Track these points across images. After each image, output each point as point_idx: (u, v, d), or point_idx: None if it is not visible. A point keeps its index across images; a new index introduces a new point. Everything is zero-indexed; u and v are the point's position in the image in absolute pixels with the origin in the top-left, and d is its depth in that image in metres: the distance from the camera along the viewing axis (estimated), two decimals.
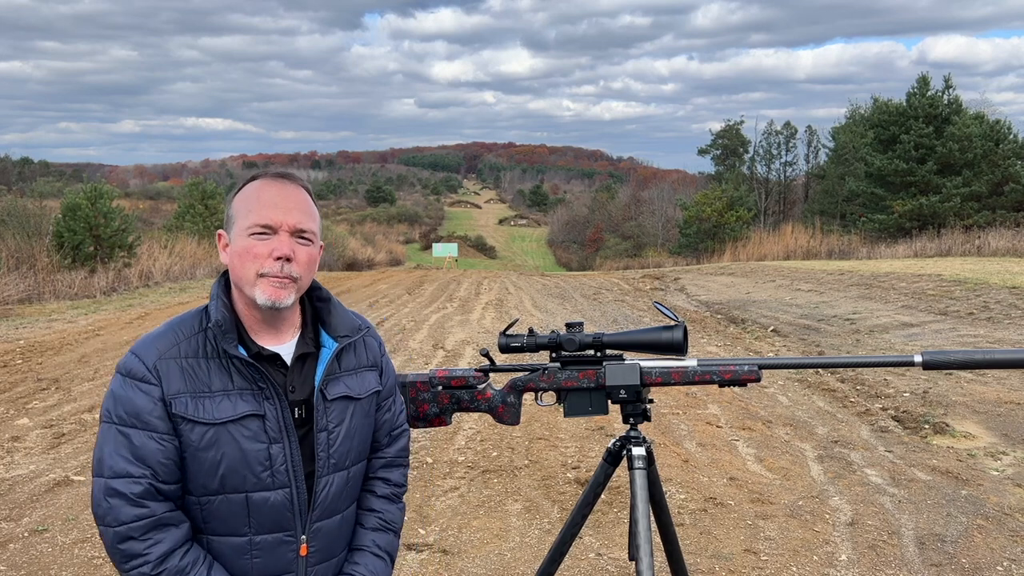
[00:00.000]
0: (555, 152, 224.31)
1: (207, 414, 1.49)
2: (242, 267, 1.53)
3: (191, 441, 1.49)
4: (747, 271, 21.38)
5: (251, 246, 1.51)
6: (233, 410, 1.51)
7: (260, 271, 1.51)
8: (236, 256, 1.54)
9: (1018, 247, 21.41)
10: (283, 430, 1.54)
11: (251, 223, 1.52)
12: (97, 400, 6.98)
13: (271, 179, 1.58)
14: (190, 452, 1.50)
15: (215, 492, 1.52)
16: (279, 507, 1.54)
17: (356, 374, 1.68)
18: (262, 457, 1.52)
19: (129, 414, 1.49)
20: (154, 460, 1.47)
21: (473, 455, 5.40)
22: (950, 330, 9.98)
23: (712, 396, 7.02)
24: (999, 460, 5.24)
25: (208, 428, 1.49)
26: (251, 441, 1.51)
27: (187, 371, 1.51)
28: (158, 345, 1.53)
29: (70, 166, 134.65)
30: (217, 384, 1.51)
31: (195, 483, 1.52)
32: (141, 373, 1.50)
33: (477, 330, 11.17)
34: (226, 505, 1.52)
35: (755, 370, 1.94)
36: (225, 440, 1.50)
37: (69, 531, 4.15)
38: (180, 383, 1.50)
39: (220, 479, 1.51)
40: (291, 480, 1.55)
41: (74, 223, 18.67)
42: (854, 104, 47.82)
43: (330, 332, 1.65)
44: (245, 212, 1.54)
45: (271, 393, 1.53)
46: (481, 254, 64.75)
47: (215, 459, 1.50)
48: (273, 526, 1.55)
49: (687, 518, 4.28)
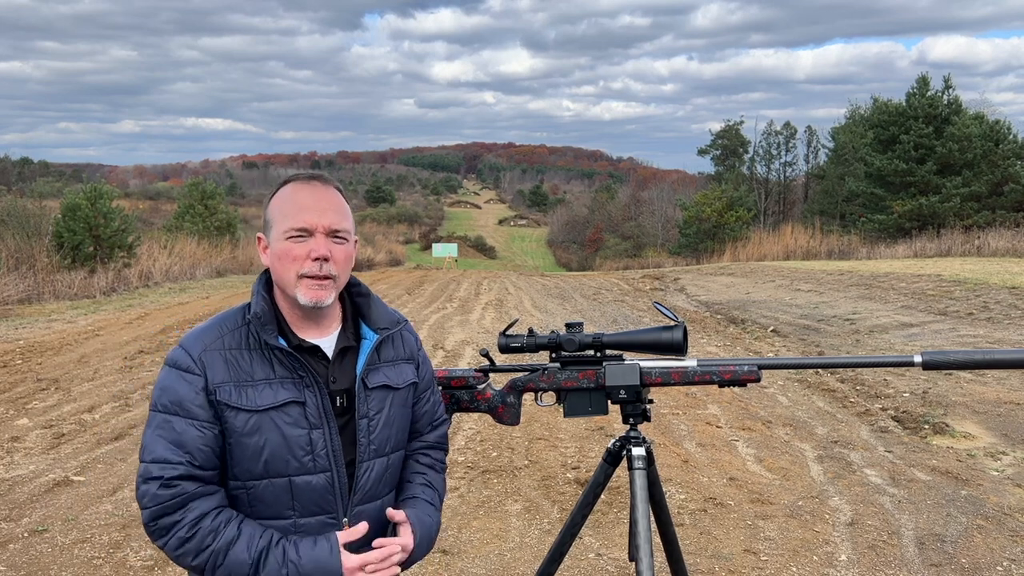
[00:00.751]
0: (555, 152, 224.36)
1: (250, 402, 1.57)
2: (283, 269, 1.61)
3: (235, 427, 1.56)
4: (747, 271, 21.39)
5: (289, 249, 1.59)
6: (274, 397, 1.58)
7: (300, 272, 1.59)
8: (276, 259, 1.62)
9: (1018, 247, 21.42)
10: (323, 416, 1.61)
11: (288, 227, 1.59)
12: (97, 400, 6.99)
13: (304, 182, 1.65)
14: (235, 438, 1.57)
15: (260, 476, 1.58)
16: (321, 490, 1.61)
17: (395, 365, 1.75)
18: (303, 442, 1.59)
19: (173, 402, 1.56)
20: (193, 446, 1.54)
21: (473, 455, 5.40)
22: (950, 330, 9.98)
23: (712, 396, 7.02)
24: (999, 460, 5.24)
25: (251, 415, 1.56)
26: (292, 427, 1.58)
27: (231, 362, 1.59)
28: (203, 338, 1.61)
29: (70, 166, 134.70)
30: (259, 373, 1.59)
31: (240, 468, 1.59)
32: (186, 364, 1.58)
33: (477, 330, 11.17)
34: (271, 489, 1.59)
35: (755, 370, 1.94)
36: (267, 426, 1.57)
37: (69, 531, 4.15)
38: (224, 373, 1.57)
39: (264, 464, 1.57)
40: (332, 464, 1.61)
41: (74, 223, 18.68)
42: (854, 104, 47.84)
43: (370, 325, 1.73)
44: (281, 216, 1.61)
45: (311, 381, 1.61)
46: (481, 254, 64.75)
47: (258, 444, 1.57)
48: (316, 509, 1.61)
49: (687, 518, 4.28)
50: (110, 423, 6.27)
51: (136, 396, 7.14)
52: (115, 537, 4.09)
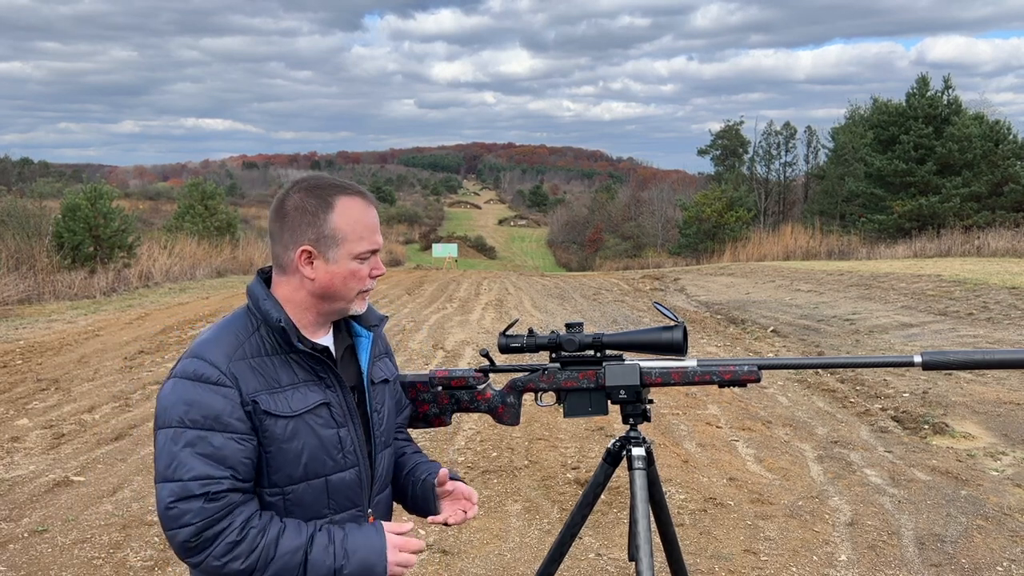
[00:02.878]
0: (555, 152, 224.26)
1: (286, 407, 1.58)
2: (345, 287, 1.65)
3: (276, 435, 1.57)
4: (747, 271, 21.39)
5: (358, 270, 1.65)
6: (305, 401, 1.61)
7: (361, 289, 1.67)
8: (340, 278, 1.63)
9: (1018, 247, 21.42)
10: (347, 414, 1.67)
11: (364, 249, 1.64)
12: (96, 400, 6.98)
13: (367, 201, 1.68)
14: (275, 446, 1.57)
15: (299, 480, 1.61)
16: (352, 485, 1.67)
17: (382, 360, 1.85)
18: (334, 441, 1.64)
19: (207, 417, 1.52)
20: (235, 460, 1.53)
21: (473, 455, 5.40)
22: (950, 330, 9.98)
23: (712, 396, 7.02)
24: (999, 460, 5.24)
25: (289, 420, 1.58)
26: (324, 428, 1.63)
27: (257, 370, 1.58)
28: (223, 348, 1.58)
29: (70, 166, 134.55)
30: (285, 379, 1.61)
31: (280, 474, 1.59)
32: (216, 377, 1.54)
33: (477, 330, 11.17)
34: (309, 491, 1.62)
35: (755, 370, 1.94)
36: (304, 430, 1.60)
37: (69, 531, 4.15)
38: (255, 382, 1.57)
39: (303, 467, 1.60)
40: (359, 459, 1.69)
41: (74, 223, 18.67)
42: (854, 104, 47.79)
43: (362, 324, 1.78)
44: (356, 237, 1.63)
45: (332, 382, 1.65)
46: (481, 254, 64.73)
47: (298, 449, 1.59)
48: (348, 503, 1.67)
49: (687, 518, 4.28)
50: (110, 423, 6.27)
51: (136, 396, 7.13)
52: (115, 537, 4.09)
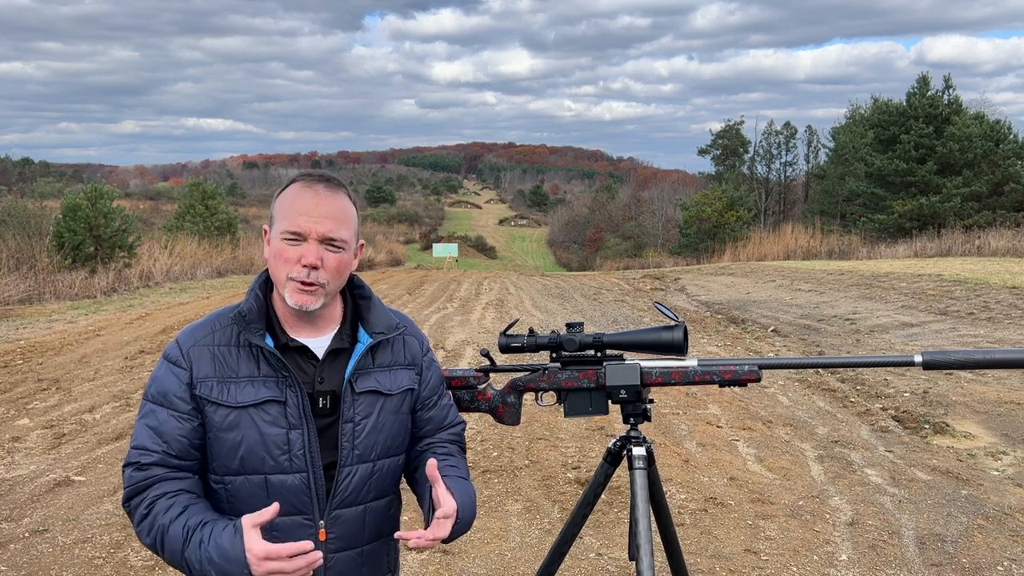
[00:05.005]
0: (555, 152, 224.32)
1: (230, 398, 1.59)
2: (275, 268, 1.63)
3: (214, 422, 1.60)
4: (747, 271, 21.39)
5: (283, 250, 1.60)
6: (255, 395, 1.60)
7: (289, 275, 1.59)
8: (271, 257, 1.63)
9: (1018, 247, 21.41)
10: (303, 417, 1.61)
11: (284, 228, 1.60)
12: (97, 400, 6.99)
13: (309, 183, 1.62)
14: (213, 432, 1.60)
15: (236, 472, 1.61)
16: (296, 490, 1.61)
17: (390, 371, 1.73)
18: (280, 441, 1.60)
19: (159, 393, 1.62)
20: (171, 436, 1.59)
21: (473, 455, 5.40)
22: (950, 330, 9.98)
23: (712, 396, 7.02)
24: (999, 460, 5.24)
25: (230, 411, 1.59)
26: (270, 425, 1.60)
27: (217, 357, 1.62)
28: (195, 334, 1.66)
29: (70, 166, 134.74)
30: (244, 371, 1.61)
31: (218, 463, 1.62)
32: (175, 357, 1.63)
33: (477, 330, 11.17)
34: (247, 486, 1.61)
35: (755, 370, 1.94)
36: (246, 423, 1.59)
37: (69, 531, 4.16)
38: (209, 368, 1.61)
39: (240, 460, 1.60)
40: (308, 465, 1.61)
41: (74, 223, 18.68)
42: (854, 104, 47.91)
43: (368, 329, 1.72)
44: (281, 216, 1.61)
45: (293, 381, 1.61)
46: (481, 254, 64.71)
47: (235, 440, 1.59)
48: (291, 509, 1.61)
49: (687, 518, 4.28)
50: (111, 423, 6.27)
51: (137, 396, 7.14)
52: (116, 537, 4.09)
